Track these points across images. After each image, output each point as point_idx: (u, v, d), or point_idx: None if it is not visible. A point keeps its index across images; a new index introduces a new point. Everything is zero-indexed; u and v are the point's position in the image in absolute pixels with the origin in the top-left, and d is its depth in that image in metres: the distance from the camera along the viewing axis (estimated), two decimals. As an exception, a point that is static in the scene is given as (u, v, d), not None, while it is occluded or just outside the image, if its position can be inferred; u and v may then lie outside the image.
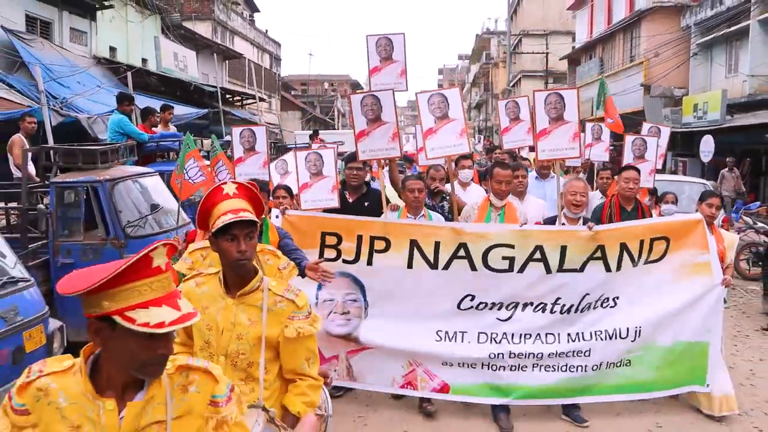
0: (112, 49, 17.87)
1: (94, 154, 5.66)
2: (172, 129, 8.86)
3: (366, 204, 5.66)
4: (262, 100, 24.22)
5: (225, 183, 2.63)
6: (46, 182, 5.87)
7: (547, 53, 37.64)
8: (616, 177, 6.43)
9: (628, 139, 6.87)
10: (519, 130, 6.70)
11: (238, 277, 2.54)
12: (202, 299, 2.55)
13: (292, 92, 52.03)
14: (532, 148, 7.51)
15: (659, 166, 7.71)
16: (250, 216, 2.50)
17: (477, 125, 64.08)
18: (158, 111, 8.67)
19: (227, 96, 21.07)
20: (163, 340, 1.77)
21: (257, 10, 42.51)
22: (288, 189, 5.54)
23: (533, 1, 43.69)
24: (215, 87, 19.90)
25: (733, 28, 19.70)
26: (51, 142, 8.23)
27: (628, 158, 6.67)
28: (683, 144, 20.65)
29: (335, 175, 5.55)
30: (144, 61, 19.23)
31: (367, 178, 6.41)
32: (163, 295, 1.77)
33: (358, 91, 5.31)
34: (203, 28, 27.29)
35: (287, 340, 2.56)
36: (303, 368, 2.62)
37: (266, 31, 40.55)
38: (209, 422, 1.94)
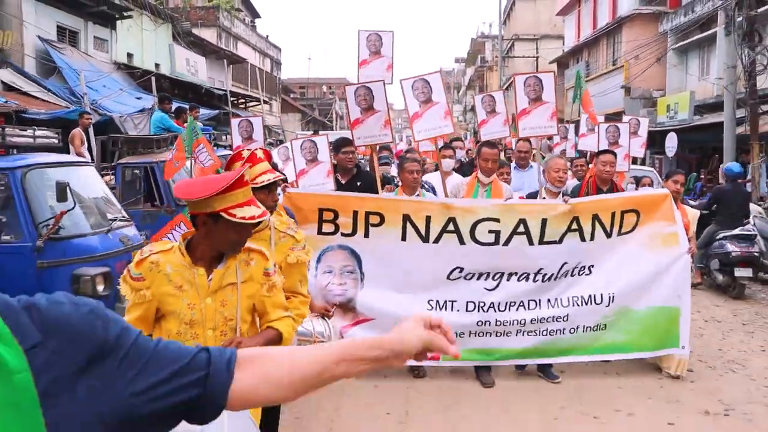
0: (130, 55, 19.28)
1: (151, 142, 7.17)
2: (199, 125, 10.39)
3: (359, 184, 5.83)
4: (265, 102, 25.67)
5: (256, 149, 3.18)
6: (113, 164, 7.36)
7: (537, 57, 39.02)
8: (590, 165, 7.06)
9: (602, 126, 7.50)
10: (496, 123, 6.92)
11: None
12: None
13: (291, 95, 53.38)
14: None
15: (641, 155, 8.74)
16: (279, 176, 3.28)
17: (473, 127, 65.25)
18: (188, 110, 10.19)
19: (231, 98, 22.56)
20: (246, 229, 2.48)
21: (258, 16, 43.95)
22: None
23: (525, 7, 44.80)
24: (224, 90, 21.45)
25: (704, 34, 21.18)
26: (92, 137, 9.74)
27: (603, 144, 7.20)
28: (661, 142, 22.14)
29: (329, 160, 5.78)
30: (157, 65, 20.66)
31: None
32: (249, 199, 2.44)
33: (351, 83, 5.96)
34: (209, 35, 28.69)
35: (288, 265, 3.15)
36: (296, 287, 3.17)
37: (267, 36, 42.02)
38: (263, 286, 2.65)
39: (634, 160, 8.95)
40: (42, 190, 4.62)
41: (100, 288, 4.35)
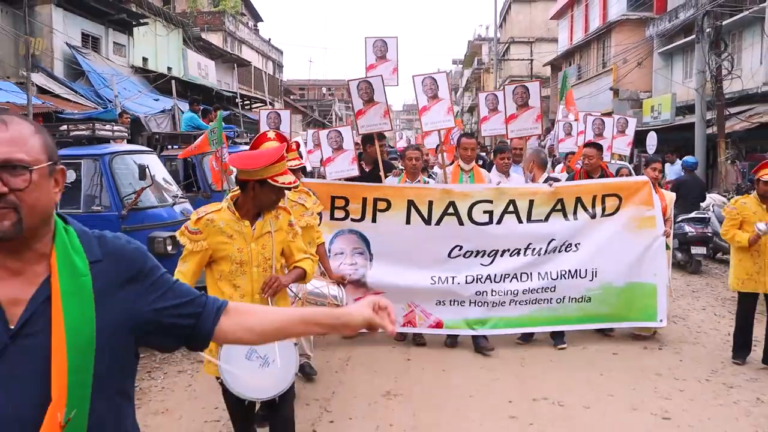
0: (144, 59, 20.43)
1: (188, 137, 8.37)
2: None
3: (378, 174, 6.45)
4: (271, 104, 26.82)
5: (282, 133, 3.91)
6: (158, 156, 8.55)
7: (531, 60, 40.16)
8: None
9: (589, 118, 8.25)
10: (496, 120, 7.10)
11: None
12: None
13: (291, 97, 54.51)
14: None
15: (627, 152, 9.32)
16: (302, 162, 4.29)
17: (470, 128, 66.18)
18: (212, 110, 11.41)
19: (236, 100, 23.73)
20: (282, 192, 3.17)
21: (261, 20, 45.16)
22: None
23: (521, 10, 45.76)
24: (234, 92, 22.60)
25: (686, 39, 22.39)
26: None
27: (588, 135, 7.90)
28: (645, 141, 23.35)
29: (353, 148, 6.28)
30: (169, 69, 21.81)
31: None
32: (285, 170, 3.13)
33: (353, 78, 6.39)
34: (215, 39, 29.85)
35: (300, 228, 3.60)
36: (306, 248, 3.64)
37: (269, 39, 43.19)
38: (288, 234, 3.33)
39: (620, 157, 9.67)
40: (124, 171, 5.82)
41: (169, 248, 5.51)
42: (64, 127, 6.23)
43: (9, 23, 14.34)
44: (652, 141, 17.42)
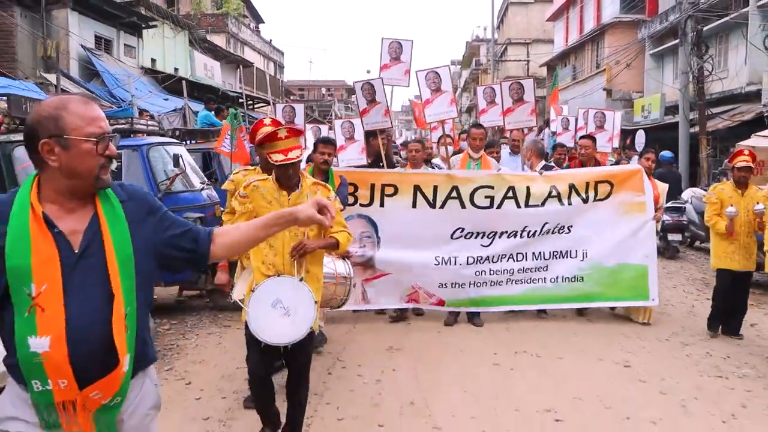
0: (153, 60, 21.17)
1: (206, 133, 9.15)
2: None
3: (380, 165, 6.82)
4: (274, 103, 27.59)
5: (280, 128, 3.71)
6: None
7: (528, 60, 40.90)
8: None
9: (591, 112, 8.79)
10: (494, 112, 7.32)
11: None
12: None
13: (291, 97, 55.28)
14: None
15: (615, 144, 9.86)
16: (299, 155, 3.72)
17: (468, 127, 66.63)
18: (225, 109, 12.20)
19: (240, 100, 24.52)
20: (278, 167, 3.45)
21: (262, 21, 45.93)
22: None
23: (518, 12, 46.44)
24: (238, 92, 23.35)
25: (676, 41, 23.15)
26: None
27: (590, 128, 8.40)
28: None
29: (363, 139, 6.67)
30: (176, 69, 22.55)
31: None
32: (279, 149, 3.41)
33: (358, 80, 6.81)
34: (218, 40, 30.60)
35: None
36: (333, 228, 3.73)
37: (270, 40, 43.96)
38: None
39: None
40: (159, 160, 6.58)
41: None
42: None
43: (27, 26, 15.09)
44: (640, 139, 18.22)
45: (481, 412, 4.26)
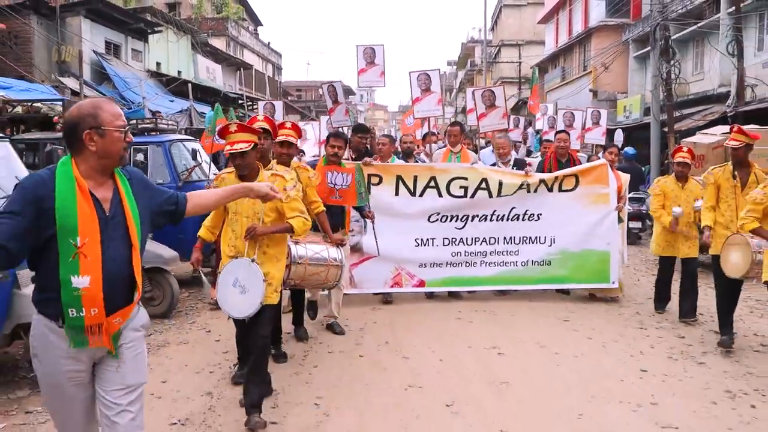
0: (158, 64, 22.21)
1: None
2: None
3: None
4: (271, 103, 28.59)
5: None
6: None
7: (520, 62, 41.88)
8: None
9: (561, 111, 9.98)
10: (495, 116, 7.80)
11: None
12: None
13: (289, 98, 56.29)
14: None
15: (602, 142, 10.65)
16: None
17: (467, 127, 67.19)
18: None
19: (239, 101, 25.61)
20: (237, 158, 3.86)
21: (260, 24, 46.99)
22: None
23: (511, 14, 47.29)
24: (238, 94, 24.39)
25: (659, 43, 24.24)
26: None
27: (560, 125, 9.65)
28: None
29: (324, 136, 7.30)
30: (179, 72, 23.58)
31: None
32: (231, 141, 3.85)
33: (325, 82, 7.53)
34: (219, 43, 31.63)
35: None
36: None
37: (269, 43, 45.03)
38: (285, 197, 3.91)
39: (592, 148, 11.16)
40: (179, 154, 7.70)
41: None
42: (134, 121, 8.13)
43: (43, 33, 16.18)
44: (619, 137, 19.36)
45: (441, 347, 5.43)
